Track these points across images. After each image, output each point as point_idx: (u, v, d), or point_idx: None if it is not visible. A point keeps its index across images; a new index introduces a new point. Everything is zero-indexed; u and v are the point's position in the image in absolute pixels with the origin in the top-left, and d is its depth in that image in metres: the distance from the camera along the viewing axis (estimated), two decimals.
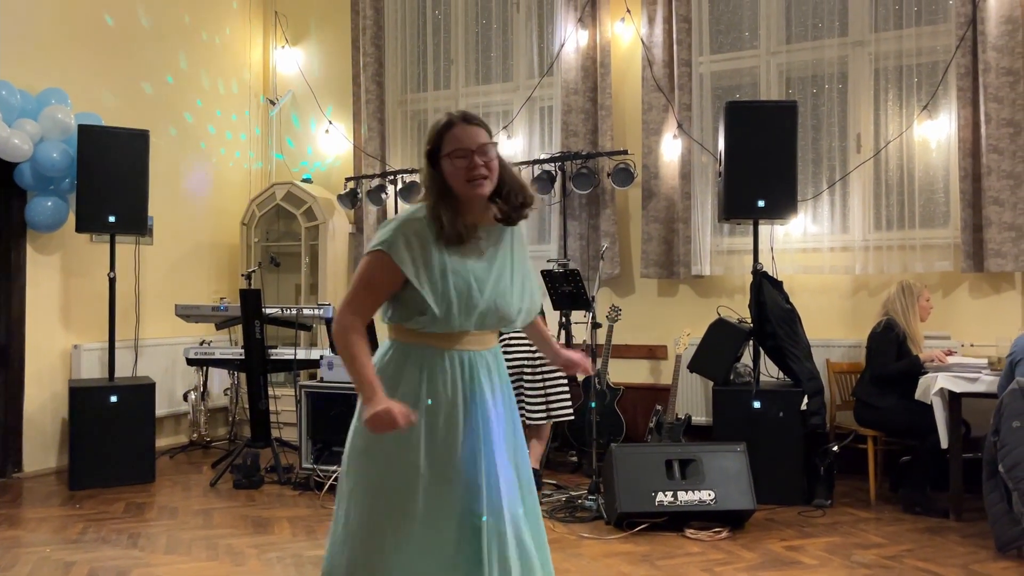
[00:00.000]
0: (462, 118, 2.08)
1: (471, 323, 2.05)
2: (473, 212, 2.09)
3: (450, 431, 2.05)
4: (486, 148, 2.04)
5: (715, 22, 5.87)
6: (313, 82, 7.25)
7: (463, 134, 2.04)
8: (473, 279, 2.03)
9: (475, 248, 2.07)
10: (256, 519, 4.44)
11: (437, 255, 2.02)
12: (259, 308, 5.39)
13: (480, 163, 2.02)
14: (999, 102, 4.91)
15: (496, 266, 2.09)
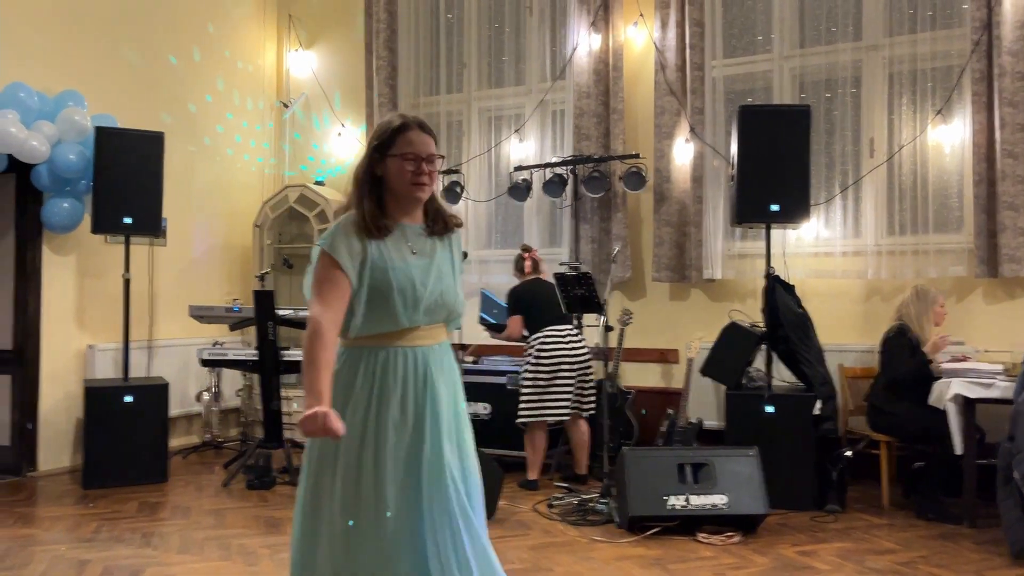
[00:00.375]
0: (417, 124, 2.17)
1: (419, 317, 2.10)
2: (403, 211, 2.18)
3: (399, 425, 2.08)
4: (434, 159, 2.16)
5: (728, 26, 5.87)
6: (326, 85, 7.28)
7: (418, 139, 2.14)
8: (416, 272, 2.11)
9: (409, 246, 2.15)
10: (269, 519, 4.46)
11: (376, 250, 2.10)
12: (272, 309, 5.41)
13: (427, 171, 2.13)
14: (1014, 107, 4.89)
15: (435, 262, 2.16)
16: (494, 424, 5.67)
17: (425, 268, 2.13)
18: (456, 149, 6.80)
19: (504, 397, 5.65)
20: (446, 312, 2.17)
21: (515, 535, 4.16)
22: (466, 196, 6.50)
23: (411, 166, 2.12)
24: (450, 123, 6.84)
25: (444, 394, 2.14)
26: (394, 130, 2.15)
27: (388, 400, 2.08)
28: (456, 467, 2.12)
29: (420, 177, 2.13)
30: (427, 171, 2.14)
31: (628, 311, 5.58)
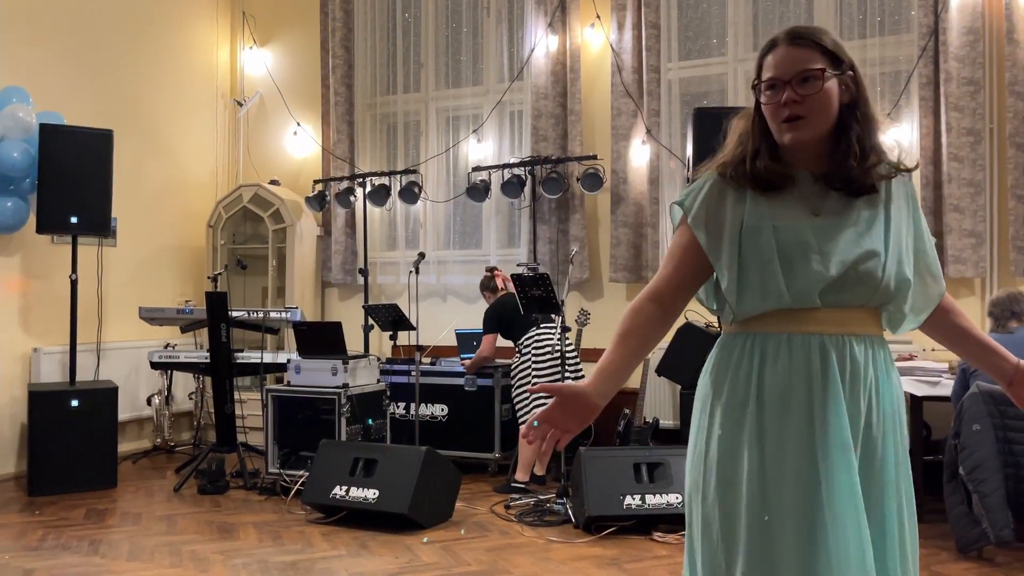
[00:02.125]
0: (788, 37, 1.57)
1: (808, 293, 1.52)
2: (801, 158, 1.59)
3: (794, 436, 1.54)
4: (809, 75, 1.52)
5: (684, 29, 5.92)
6: (281, 84, 7.18)
7: (781, 58, 1.55)
8: (811, 236, 1.52)
9: (805, 200, 1.57)
10: (221, 525, 4.38)
11: (742, 206, 1.57)
12: (225, 311, 5.32)
13: (795, 97, 1.53)
14: (960, 111, 5.01)
15: (848, 222, 1.55)
16: (451, 426, 5.65)
17: (825, 229, 1.54)
18: (414, 149, 6.77)
19: (461, 399, 5.63)
20: (864, 290, 1.54)
21: (473, 537, 4.14)
22: (424, 196, 6.47)
23: (769, 97, 1.56)
24: (407, 123, 6.80)
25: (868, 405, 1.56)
26: (761, 55, 1.61)
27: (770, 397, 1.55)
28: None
29: (781, 114, 1.54)
30: (795, 97, 1.52)
31: (586, 311, 5.59)
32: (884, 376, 1.59)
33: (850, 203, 1.56)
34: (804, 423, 1.53)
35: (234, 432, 5.34)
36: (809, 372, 1.53)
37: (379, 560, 3.78)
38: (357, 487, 4.31)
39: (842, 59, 1.56)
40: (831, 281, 1.51)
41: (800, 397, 1.53)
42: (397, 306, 5.42)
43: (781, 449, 1.54)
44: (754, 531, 1.54)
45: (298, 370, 5.05)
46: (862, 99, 1.57)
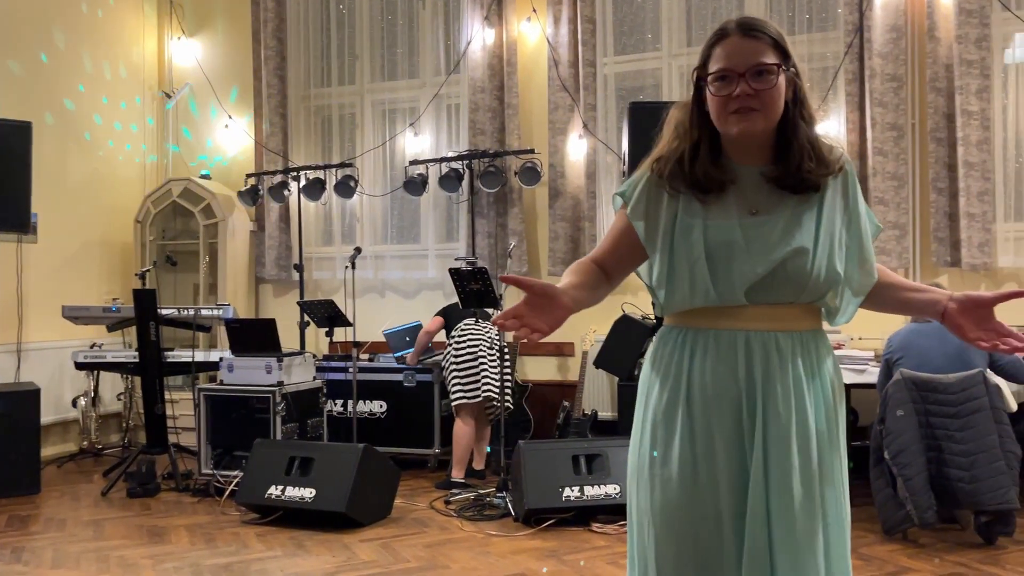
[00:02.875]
0: (739, 27, 1.54)
1: (733, 292, 1.54)
2: (745, 151, 1.59)
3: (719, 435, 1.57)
4: (763, 70, 1.50)
5: (619, 24, 5.97)
6: (212, 75, 7.00)
7: (734, 49, 1.52)
8: (741, 235, 1.54)
9: (745, 197, 1.57)
10: (152, 528, 4.26)
11: (675, 205, 1.58)
12: (154, 309, 5.17)
13: (749, 91, 1.50)
14: (884, 107, 5.16)
15: (781, 219, 1.55)
16: (390, 423, 5.60)
17: (755, 227, 1.55)
18: (349, 143, 6.68)
19: (400, 395, 5.59)
20: (791, 287, 1.55)
21: (411, 533, 4.11)
22: (360, 190, 6.39)
23: (721, 89, 1.52)
24: (343, 116, 6.70)
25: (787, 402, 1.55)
26: (708, 44, 1.57)
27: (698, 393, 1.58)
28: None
29: (733, 105, 1.51)
30: (750, 91, 1.50)
31: None
32: (814, 371, 1.59)
33: (786, 199, 1.56)
34: (731, 420, 1.55)
35: (165, 433, 5.20)
36: (735, 369, 1.55)
37: (316, 560, 3.72)
38: (293, 486, 4.23)
39: (789, 55, 1.55)
40: (758, 280, 1.53)
41: (728, 393, 1.55)
42: (333, 302, 5.34)
43: (709, 446, 1.56)
44: (684, 524, 1.56)
45: (231, 368, 4.94)
46: (802, 96, 1.58)
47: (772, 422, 1.54)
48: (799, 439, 1.55)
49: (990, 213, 5.02)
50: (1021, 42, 5.12)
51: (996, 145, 5.06)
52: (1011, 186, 5.08)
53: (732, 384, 1.55)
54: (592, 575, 3.46)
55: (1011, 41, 5.14)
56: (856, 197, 1.63)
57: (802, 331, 1.59)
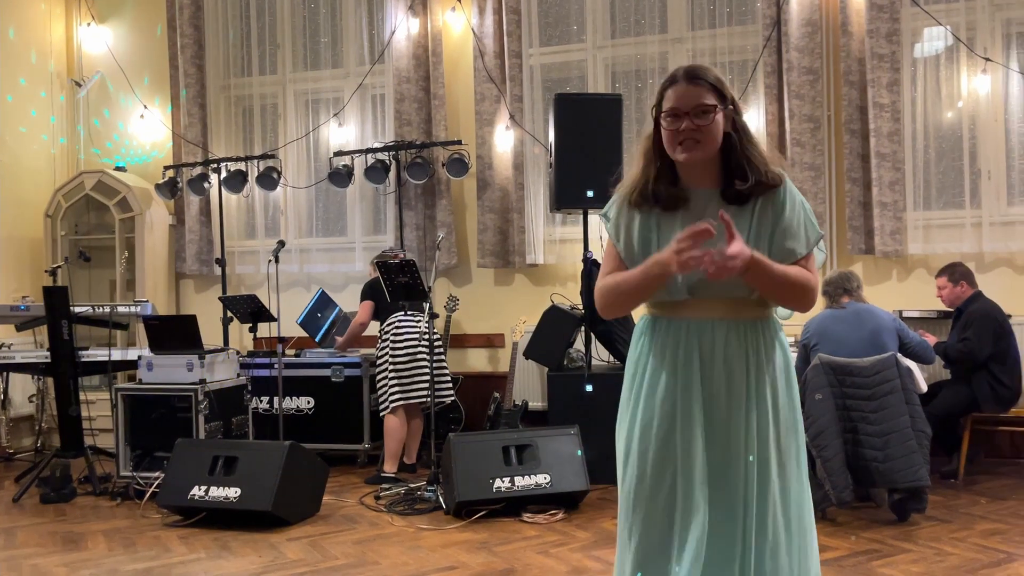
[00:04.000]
0: (686, 75, 1.90)
1: (679, 289, 1.89)
2: (694, 174, 1.93)
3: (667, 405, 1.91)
4: (703, 110, 1.86)
5: (544, 15, 5.98)
6: (125, 63, 6.75)
7: (679, 92, 1.88)
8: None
9: (695, 212, 1.91)
10: (67, 535, 4.09)
11: (642, 219, 1.94)
12: (67, 306, 4.96)
13: (692, 126, 1.86)
14: (801, 99, 5.31)
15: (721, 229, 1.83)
16: (318, 419, 5.52)
17: None
18: (272, 133, 6.53)
19: (328, 390, 5.51)
20: (729, 286, 1.86)
21: (340, 530, 4.06)
22: (284, 182, 6.26)
23: (671, 124, 1.88)
24: (264, 106, 6.54)
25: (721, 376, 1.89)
26: (662, 87, 1.93)
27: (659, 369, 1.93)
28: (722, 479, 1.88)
29: (680, 138, 1.87)
30: (693, 126, 1.85)
31: (454, 297, 5.58)
32: (751, 352, 1.90)
33: (729, 211, 1.86)
34: (667, 397, 1.91)
35: (80, 435, 5.00)
36: (676, 350, 1.91)
37: (241, 561, 3.64)
38: (217, 486, 4.13)
39: (726, 95, 1.90)
40: (698, 279, 1.85)
41: (673, 368, 1.91)
42: (256, 297, 5.22)
43: (648, 422, 1.92)
44: (631, 497, 1.93)
45: (150, 367, 4.78)
46: (742, 127, 1.92)
47: (707, 391, 1.89)
48: (732, 407, 1.87)
49: (901, 202, 5.21)
50: (930, 36, 5.33)
51: (906, 136, 5.25)
52: (920, 176, 5.29)
53: (677, 362, 1.91)
54: (522, 565, 3.48)
55: (920, 36, 5.34)
56: (791, 210, 1.91)
57: (741, 320, 1.91)
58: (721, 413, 1.88)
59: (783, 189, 1.90)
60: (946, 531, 3.80)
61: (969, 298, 4.69)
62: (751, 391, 1.88)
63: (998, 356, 4.53)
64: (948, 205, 5.29)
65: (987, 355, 4.51)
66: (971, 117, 5.22)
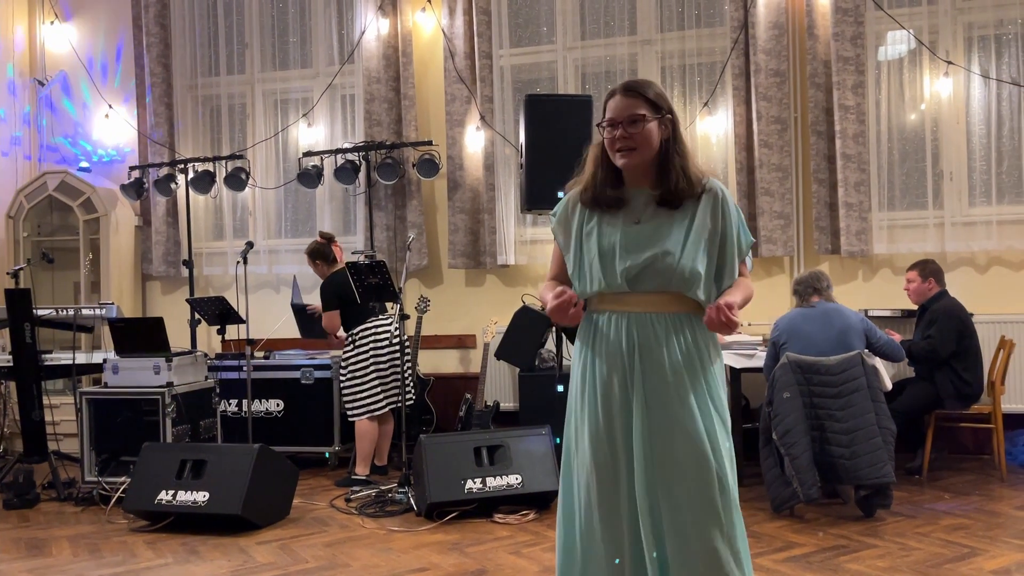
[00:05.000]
0: (623, 88, 2.09)
1: (619, 282, 2.05)
2: (634, 177, 2.11)
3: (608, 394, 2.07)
4: (636, 119, 2.04)
5: (514, 16, 5.98)
6: (89, 62, 6.64)
7: (616, 104, 2.08)
8: (622, 240, 2.05)
9: (634, 212, 2.09)
10: (31, 541, 4.02)
11: (586, 216, 2.12)
12: (29, 309, 4.87)
13: (625, 134, 2.04)
14: (768, 101, 5.37)
15: (658, 228, 2.06)
16: (287, 421, 5.47)
17: (635, 234, 2.06)
18: (240, 134, 6.46)
19: (297, 393, 5.46)
20: (665, 280, 2.03)
21: (311, 533, 4.03)
22: (252, 183, 6.20)
23: (608, 133, 2.08)
24: (232, 106, 6.48)
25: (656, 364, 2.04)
26: (604, 101, 2.12)
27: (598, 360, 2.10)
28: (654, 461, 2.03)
29: (616, 145, 2.06)
30: (626, 134, 2.04)
31: (425, 298, 5.57)
32: (684, 344, 2.04)
33: (667, 213, 2.06)
34: (616, 381, 2.05)
35: (44, 440, 4.91)
36: (620, 340, 2.06)
37: (210, 565, 3.59)
38: (185, 490, 4.07)
39: (662, 106, 2.07)
40: (635, 273, 2.03)
41: (614, 359, 2.06)
42: (224, 298, 5.16)
43: (582, 413, 2.10)
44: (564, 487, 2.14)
45: (116, 370, 4.71)
46: (677, 136, 2.09)
47: (647, 381, 2.03)
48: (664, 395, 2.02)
49: (866, 203, 5.29)
50: (893, 40, 5.41)
51: (871, 138, 5.33)
52: (885, 177, 5.38)
53: (617, 351, 2.06)
54: (494, 566, 3.47)
55: (884, 39, 5.43)
56: (727, 218, 2.07)
57: (675, 313, 2.06)
58: (661, 405, 2.02)
59: (720, 199, 2.07)
60: (911, 526, 3.86)
61: (934, 296, 4.77)
62: (692, 380, 2.03)
63: (961, 354, 4.62)
64: (912, 206, 5.38)
65: (950, 353, 4.60)
66: (934, 119, 5.31)
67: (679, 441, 1.99)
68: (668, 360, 2.02)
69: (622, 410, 2.04)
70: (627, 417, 2.04)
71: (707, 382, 2.05)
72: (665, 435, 2.00)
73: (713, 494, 1.97)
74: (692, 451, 1.99)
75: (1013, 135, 5.22)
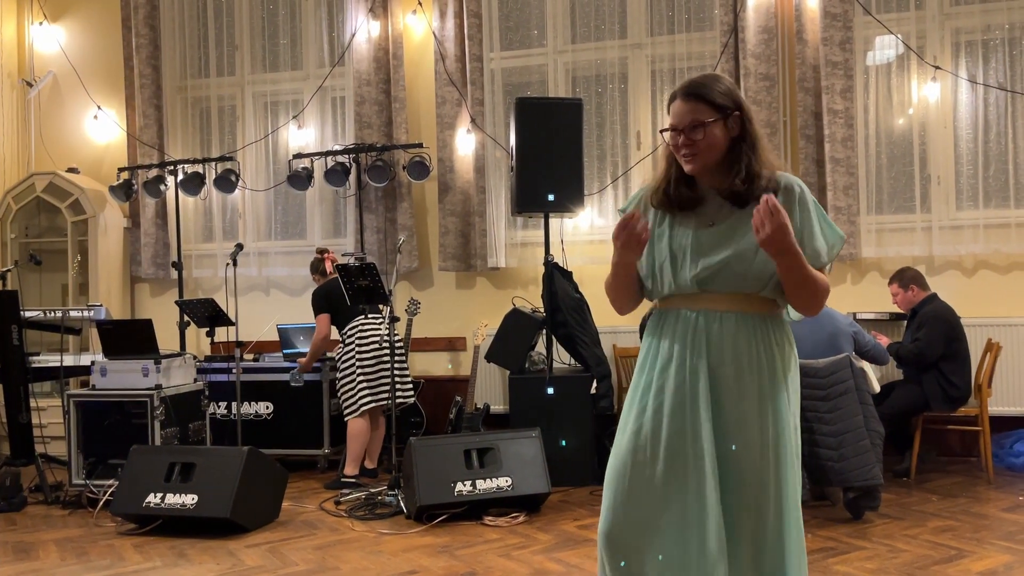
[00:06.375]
0: (682, 92, 1.99)
1: (689, 284, 1.97)
2: (705, 178, 2.02)
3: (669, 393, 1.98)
4: (697, 125, 1.95)
5: (504, 19, 5.99)
6: (78, 63, 6.62)
7: (676, 110, 1.99)
8: (694, 242, 1.98)
9: (709, 213, 2.00)
10: (18, 544, 3.99)
11: (656, 219, 2.06)
12: (16, 311, 4.84)
13: (689, 141, 1.96)
14: (758, 104, 5.39)
15: (732, 229, 1.96)
16: (277, 424, 5.46)
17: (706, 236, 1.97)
18: (230, 135, 6.45)
19: (287, 395, 5.45)
20: (737, 281, 1.94)
21: (300, 536, 4.02)
22: (242, 185, 6.18)
23: (671, 139, 2.00)
24: (222, 108, 6.46)
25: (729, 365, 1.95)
26: (668, 104, 2.03)
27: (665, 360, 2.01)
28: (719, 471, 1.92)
29: (681, 151, 1.98)
30: (688, 141, 1.96)
31: (416, 301, 5.56)
32: (760, 346, 1.96)
33: (739, 213, 1.97)
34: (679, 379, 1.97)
35: (31, 443, 4.88)
36: (685, 339, 1.98)
37: (199, 568, 3.58)
38: (174, 493, 4.05)
39: (727, 105, 1.97)
40: (707, 276, 1.96)
41: (681, 357, 1.98)
42: (213, 301, 5.15)
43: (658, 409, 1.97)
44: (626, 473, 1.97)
45: (104, 372, 4.69)
46: (749, 133, 1.98)
47: (718, 381, 1.95)
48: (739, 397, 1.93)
49: (855, 206, 5.32)
50: (881, 45, 5.45)
51: (859, 142, 5.36)
52: (873, 181, 5.41)
53: (685, 350, 1.98)
54: (484, 568, 3.47)
55: (872, 44, 5.46)
56: (806, 214, 1.96)
57: (747, 313, 1.97)
58: (731, 398, 1.93)
59: (797, 195, 1.96)
60: (899, 528, 3.88)
61: (923, 300, 4.80)
62: (762, 383, 1.94)
63: (949, 357, 4.65)
64: (900, 209, 5.42)
65: (938, 356, 4.63)
66: (921, 124, 5.35)
67: (746, 446, 1.91)
68: (737, 359, 1.94)
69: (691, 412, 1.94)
70: (695, 421, 1.93)
71: (775, 384, 1.95)
72: (735, 438, 1.92)
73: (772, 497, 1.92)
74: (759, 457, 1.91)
75: (1000, 139, 5.27)
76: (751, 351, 1.94)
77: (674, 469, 1.92)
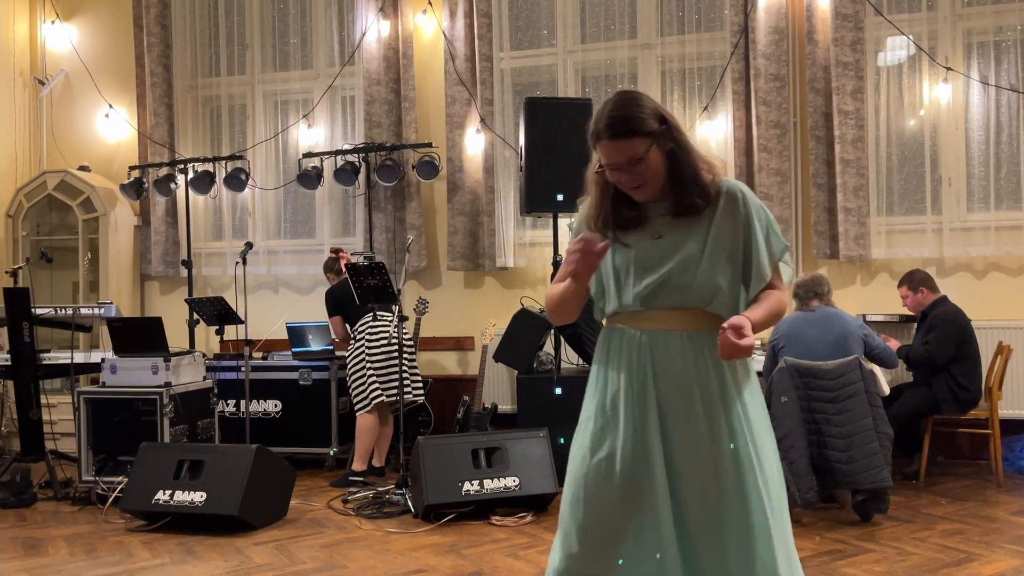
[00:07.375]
0: (608, 132, 1.87)
1: (632, 301, 1.92)
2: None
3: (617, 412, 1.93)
4: (636, 160, 1.87)
5: (514, 19, 5.99)
6: (89, 62, 6.65)
7: (607, 150, 1.89)
8: (637, 258, 1.92)
9: (653, 226, 1.94)
10: (28, 540, 4.02)
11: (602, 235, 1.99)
12: (27, 308, 4.87)
13: (631, 174, 1.88)
14: (768, 105, 5.38)
15: (675, 241, 1.91)
16: (285, 422, 5.47)
17: (652, 250, 1.92)
18: (240, 134, 6.47)
19: (295, 393, 5.46)
20: (681, 296, 1.89)
21: (308, 534, 4.03)
22: (252, 184, 6.20)
23: (613, 177, 1.92)
24: (232, 107, 6.48)
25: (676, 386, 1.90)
26: (592, 139, 1.93)
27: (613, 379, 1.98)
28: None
29: (627, 186, 1.91)
30: (632, 175, 1.88)
31: (424, 300, 5.57)
32: (701, 363, 1.90)
33: (685, 224, 1.92)
34: (630, 403, 1.91)
35: (42, 439, 4.91)
36: (632, 361, 1.93)
37: (207, 566, 3.59)
38: (182, 490, 4.07)
39: (654, 127, 1.88)
40: (649, 292, 1.91)
41: (628, 380, 1.93)
42: (223, 299, 5.17)
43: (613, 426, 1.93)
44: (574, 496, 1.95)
45: (114, 369, 4.71)
46: (679, 141, 1.91)
47: (666, 406, 1.90)
48: (687, 419, 1.88)
49: (865, 208, 5.30)
50: (893, 46, 5.43)
51: (870, 143, 5.34)
52: (883, 182, 5.39)
53: (631, 372, 1.93)
54: (491, 568, 3.48)
55: (883, 45, 5.44)
56: (750, 220, 1.91)
57: (694, 331, 1.91)
58: (679, 421, 1.88)
59: (740, 200, 1.91)
60: (908, 531, 3.86)
61: (934, 302, 4.78)
62: (711, 402, 1.88)
63: (959, 360, 4.63)
64: (910, 211, 5.39)
65: (948, 359, 4.60)
66: (932, 125, 5.32)
67: (700, 468, 1.86)
68: (685, 380, 1.89)
69: (635, 436, 1.89)
70: (641, 444, 1.88)
71: (727, 400, 1.89)
72: (688, 462, 1.87)
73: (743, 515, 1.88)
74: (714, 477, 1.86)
75: (1012, 141, 5.24)
76: (699, 370, 1.89)
77: (631, 500, 1.88)
